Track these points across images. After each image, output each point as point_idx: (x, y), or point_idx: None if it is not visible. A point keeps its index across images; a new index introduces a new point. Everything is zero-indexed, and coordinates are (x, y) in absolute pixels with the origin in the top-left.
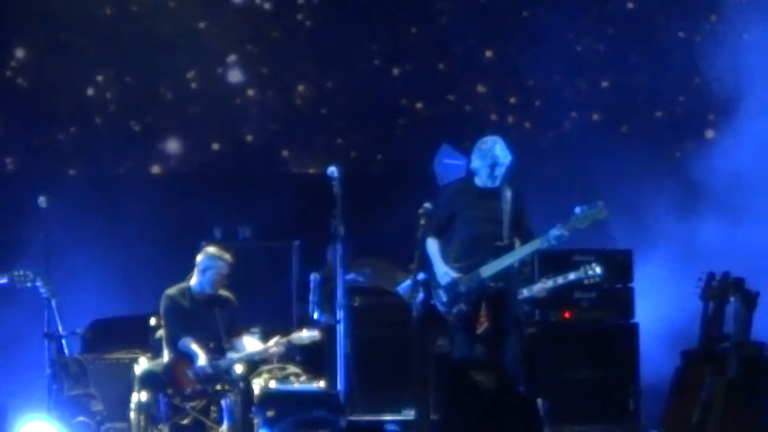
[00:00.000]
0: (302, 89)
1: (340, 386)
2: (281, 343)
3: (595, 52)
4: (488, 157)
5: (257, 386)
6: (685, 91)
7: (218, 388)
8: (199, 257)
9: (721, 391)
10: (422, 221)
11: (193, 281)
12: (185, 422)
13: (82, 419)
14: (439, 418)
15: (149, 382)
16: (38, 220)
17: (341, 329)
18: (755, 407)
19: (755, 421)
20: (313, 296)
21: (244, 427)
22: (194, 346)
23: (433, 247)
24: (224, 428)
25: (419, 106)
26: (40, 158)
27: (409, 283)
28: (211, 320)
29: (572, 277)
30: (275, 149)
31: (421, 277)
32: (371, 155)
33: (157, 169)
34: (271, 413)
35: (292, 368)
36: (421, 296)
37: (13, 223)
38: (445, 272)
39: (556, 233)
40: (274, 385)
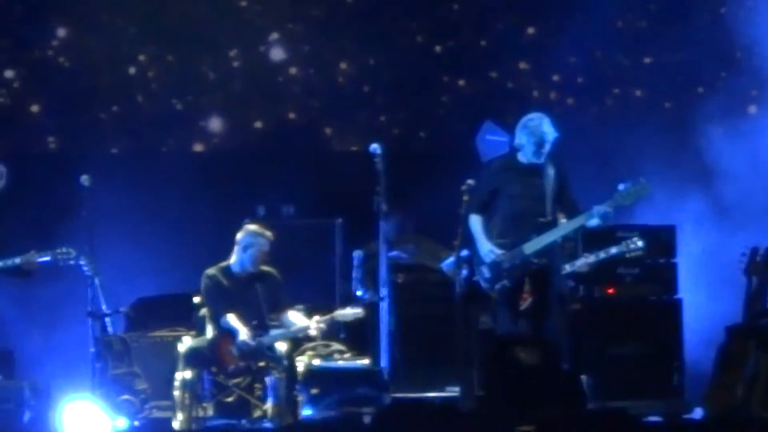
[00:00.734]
0: (344, 67)
1: (383, 363)
2: (324, 320)
3: (636, 28)
4: (536, 134)
5: (301, 364)
6: (726, 66)
7: (262, 364)
8: (239, 235)
9: (765, 366)
10: (465, 198)
11: (233, 260)
12: (229, 400)
13: (126, 398)
14: (483, 394)
15: (193, 359)
16: (81, 198)
17: (385, 306)
18: None
19: None
20: (356, 273)
21: (288, 404)
22: (235, 322)
23: (476, 223)
24: (268, 406)
25: (461, 83)
26: (82, 137)
27: (452, 259)
28: (252, 298)
29: (614, 251)
30: (318, 127)
31: (464, 253)
32: (414, 132)
33: (199, 147)
34: (315, 391)
35: (336, 346)
36: (464, 273)
37: (55, 202)
38: (489, 249)
39: (600, 210)
40: (318, 362)
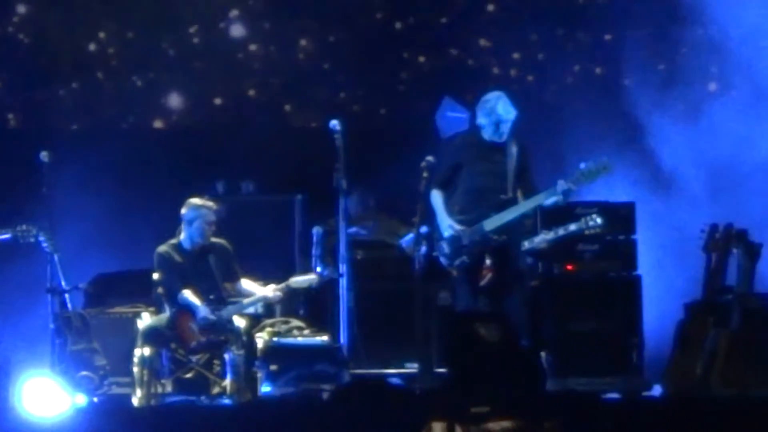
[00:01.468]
0: (304, 44)
1: (343, 340)
2: (280, 288)
3: (597, 5)
4: (492, 114)
5: (260, 340)
6: (687, 43)
7: (222, 338)
8: (183, 210)
9: (723, 343)
10: (425, 174)
11: (182, 236)
12: (188, 376)
13: (85, 374)
14: (442, 371)
15: (152, 337)
16: (40, 175)
17: (344, 283)
18: (758, 359)
19: (758, 373)
20: (315, 250)
21: (247, 381)
22: (192, 298)
23: (437, 199)
24: (227, 382)
25: (421, 59)
26: (41, 114)
27: (411, 236)
28: (206, 271)
29: (573, 228)
30: (278, 104)
31: (423, 230)
32: (374, 109)
33: (159, 123)
34: (274, 367)
35: (295, 322)
36: (423, 249)
37: (15, 178)
38: (448, 224)
39: (562, 187)
40: (277, 338)
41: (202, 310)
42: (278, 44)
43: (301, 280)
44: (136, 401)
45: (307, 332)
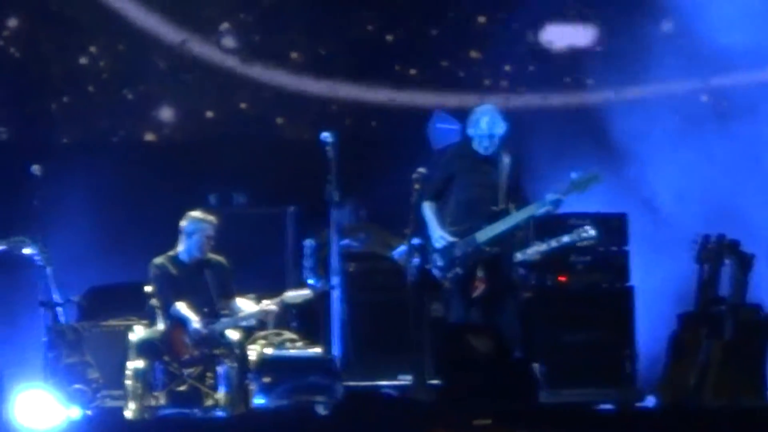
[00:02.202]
0: (295, 56)
1: (336, 352)
2: (274, 303)
3: (586, 16)
4: (478, 128)
5: (253, 352)
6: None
7: (216, 352)
8: (182, 222)
9: (717, 353)
10: (417, 186)
11: (180, 248)
12: (182, 389)
13: (78, 387)
14: (435, 382)
15: (145, 349)
16: (32, 188)
17: (336, 295)
18: (751, 369)
19: (752, 383)
20: (307, 262)
21: (240, 393)
22: (186, 311)
23: (429, 210)
24: (220, 395)
25: (413, 72)
26: (33, 127)
27: (404, 247)
28: (201, 285)
29: (566, 240)
30: (269, 117)
31: (416, 241)
32: (365, 122)
33: (150, 136)
34: (267, 379)
35: (287, 334)
36: (416, 261)
37: (7, 192)
38: (440, 236)
39: (551, 198)
40: (270, 351)
41: (194, 323)
42: (269, 57)
43: (295, 295)
44: (129, 414)
45: (299, 344)
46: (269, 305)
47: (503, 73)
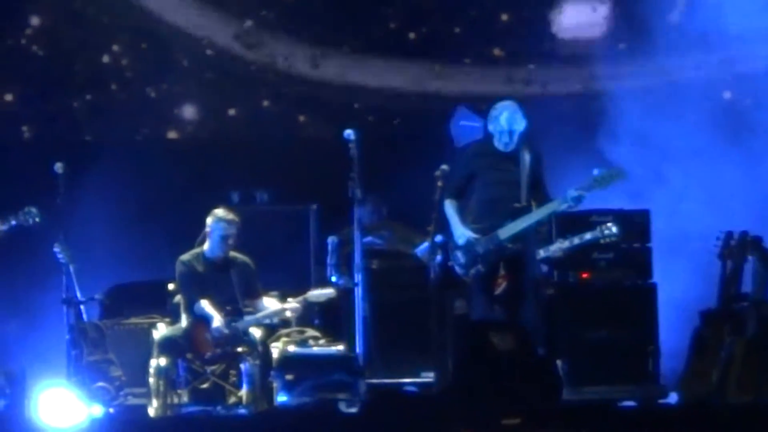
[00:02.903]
0: (318, 54)
1: (358, 349)
2: (298, 301)
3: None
4: (499, 124)
5: (276, 350)
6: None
7: (238, 350)
8: (208, 220)
9: (739, 350)
10: (439, 183)
11: (206, 246)
12: (204, 386)
13: (101, 385)
14: (457, 380)
15: (168, 347)
16: (55, 186)
17: (359, 292)
18: None
19: None
20: (330, 259)
21: (263, 391)
22: (209, 309)
23: (451, 208)
24: (243, 392)
25: (436, 69)
26: (56, 125)
27: (426, 245)
28: (226, 283)
29: (588, 237)
30: (292, 114)
31: (438, 239)
32: (388, 119)
33: (173, 134)
34: (289, 377)
35: (310, 332)
36: (439, 258)
37: (30, 190)
38: (462, 233)
39: (573, 194)
40: (292, 348)
41: (217, 321)
42: (292, 54)
43: (318, 293)
44: (152, 412)
45: (322, 342)
46: (292, 304)
47: (526, 70)
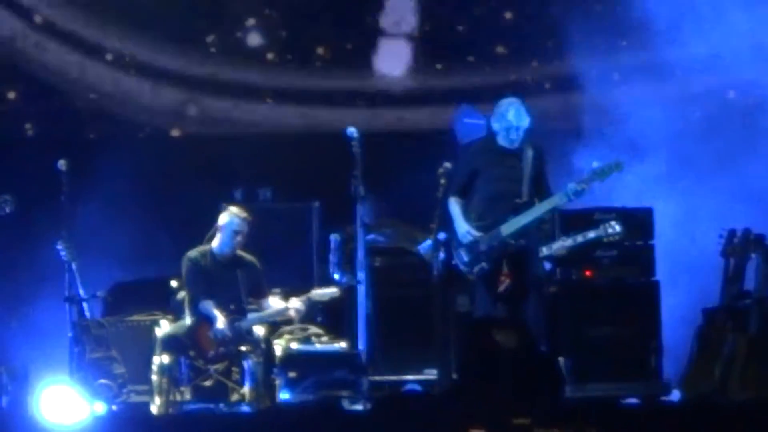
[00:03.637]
0: (321, 52)
1: (361, 346)
2: (301, 300)
3: (615, 13)
4: (503, 120)
5: (279, 347)
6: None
7: (242, 349)
8: (221, 217)
9: (742, 347)
10: (442, 180)
11: (215, 243)
12: (207, 384)
13: (103, 382)
14: (460, 377)
15: (171, 345)
16: (59, 184)
17: (362, 290)
18: None
19: None
20: (333, 257)
21: (265, 388)
22: (213, 309)
23: (455, 206)
24: (246, 389)
25: (439, 66)
26: (59, 123)
27: (429, 242)
28: (232, 282)
29: (592, 235)
30: (294, 112)
31: (441, 236)
32: (391, 117)
33: (176, 132)
34: (292, 374)
35: (313, 329)
36: (441, 256)
37: (33, 188)
38: (466, 231)
39: (573, 188)
40: (295, 346)
41: (220, 323)
42: (295, 52)
43: (322, 293)
44: (154, 409)
45: (325, 339)
46: (296, 303)
47: (529, 68)
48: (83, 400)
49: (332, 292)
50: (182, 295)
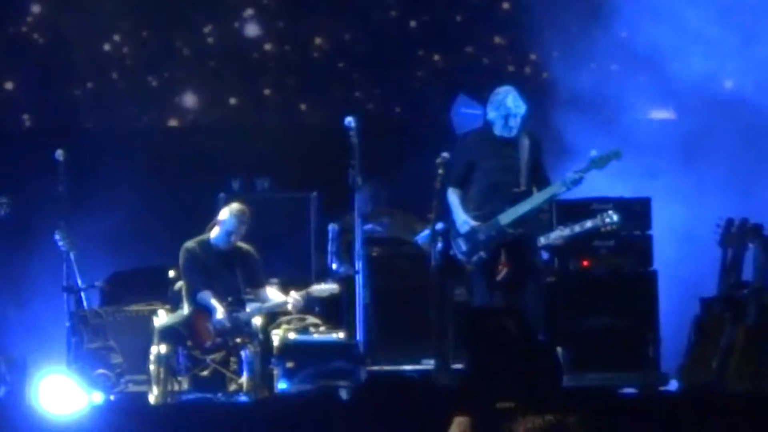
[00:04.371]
0: (319, 42)
1: (359, 336)
2: (300, 295)
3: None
4: (501, 108)
5: (276, 337)
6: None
7: (238, 340)
8: (223, 211)
9: (739, 338)
10: (440, 171)
11: (213, 234)
12: (205, 374)
13: (101, 372)
14: (458, 367)
15: (169, 335)
16: (56, 174)
17: (360, 280)
18: None
19: None
20: (331, 247)
21: (263, 378)
22: (212, 300)
23: (453, 196)
24: (244, 380)
25: (436, 57)
26: (57, 113)
27: (427, 232)
28: (229, 273)
29: (589, 225)
30: (293, 103)
31: (439, 226)
32: (389, 108)
33: (174, 122)
34: (290, 364)
35: (311, 319)
36: (439, 245)
37: (31, 178)
38: (464, 221)
39: (572, 177)
40: (293, 336)
41: (220, 314)
42: (293, 43)
43: (321, 288)
44: (152, 399)
45: (323, 329)
46: (295, 297)
47: (527, 58)
48: (81, 390)
49: (332, 288)
50: (180, 285)
